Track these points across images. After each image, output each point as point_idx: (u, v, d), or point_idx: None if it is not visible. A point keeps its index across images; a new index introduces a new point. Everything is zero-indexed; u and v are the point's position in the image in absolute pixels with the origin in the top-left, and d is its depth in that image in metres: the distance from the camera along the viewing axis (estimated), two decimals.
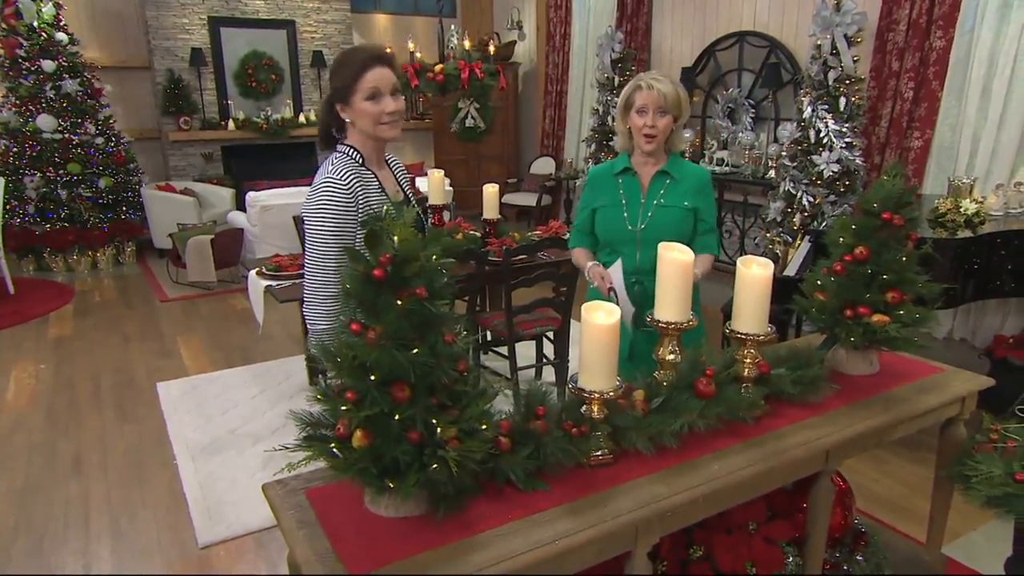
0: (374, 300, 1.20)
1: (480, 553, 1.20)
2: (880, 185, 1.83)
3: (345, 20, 8.42)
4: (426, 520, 1.28)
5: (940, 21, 4.23)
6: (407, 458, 1.18)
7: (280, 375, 3.93)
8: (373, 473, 1.18)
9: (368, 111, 1.76)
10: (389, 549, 1.20)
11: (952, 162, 4.31)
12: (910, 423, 1.76)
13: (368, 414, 1.17)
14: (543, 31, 8.07)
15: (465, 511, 1.30)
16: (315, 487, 1.40)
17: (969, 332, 4.24)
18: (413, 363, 1.17)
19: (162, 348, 4.48)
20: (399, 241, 1.18)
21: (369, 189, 1.83)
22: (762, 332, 1.64)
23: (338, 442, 1.21)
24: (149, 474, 2.97)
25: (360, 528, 1.26)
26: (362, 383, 1.19)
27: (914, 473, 2.81)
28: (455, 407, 1.25)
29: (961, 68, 4.21)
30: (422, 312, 1.19)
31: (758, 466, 1.48)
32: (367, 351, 1.17)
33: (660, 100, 2.05)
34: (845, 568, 1.93)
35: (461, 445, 1.20)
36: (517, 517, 1.30)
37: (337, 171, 1.79)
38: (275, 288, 2.94)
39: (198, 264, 5.60)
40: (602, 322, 1.42)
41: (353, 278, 1.20)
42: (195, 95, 7.71)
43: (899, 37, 4.44)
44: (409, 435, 1.19)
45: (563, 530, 1.27)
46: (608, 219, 2.15)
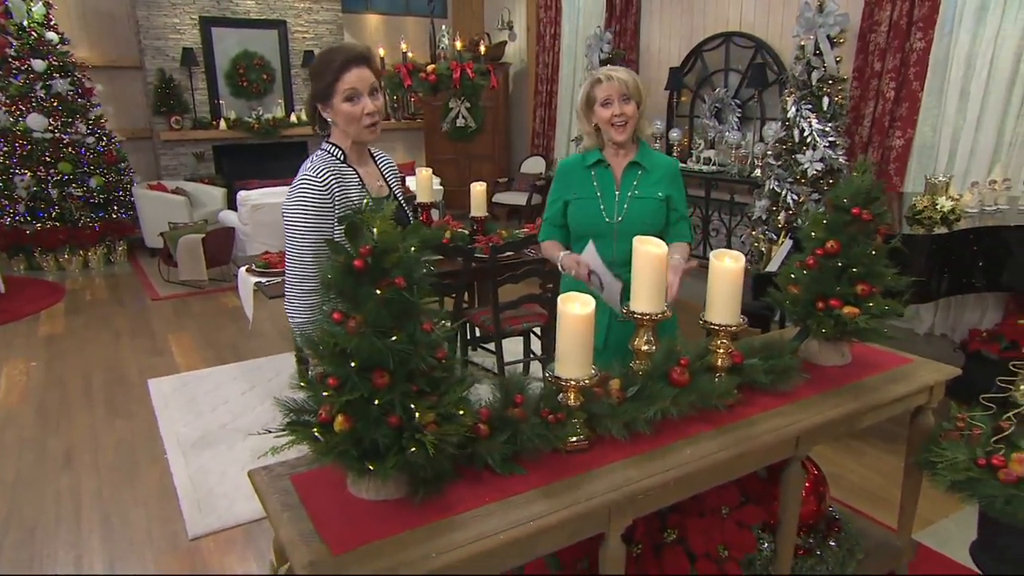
0: (354, 290, 1.24)
1: (457, 533, 1.25)
2: (850, 181, 1.89)
3: (336, 20, 8.45)
4: (405, 503, 1.32)
5: (920, 23, 4.31)
6: (386, 441, 1.23)
7: (270, 371, 3.97)
8: (354, 455, 1.23)
9: (347, 112, 1.81)
10: (370, 529, 1.25)
11: (932, 161, 4.39)
12: (879, 411, 1.82)
13: (349, 399, 1.21)
14: (533, 31, 8.12)
15: (443, 494, 1.35)
16: (299, 473, 1.44)
17: (949, 328, 4.31)
18: (392, 350, 1.21)
19: (153, 346, 4.51)
20: (378, 233, 1.23)
21: (348, 186, 1.87)
22: (734, 323, 1.69)
23: (320, 427, 1.26)
24: (140, 469, 3.00)
25: (342, 511, 1.31)
26: (343, 369, 1.23)
27: (890, 464, 2.88)
28: (433, 393, 1.29)
29: (940, 69, 4.29)
30: (401, 301, 1.23)
31: (729, 451, 1.54)
32: (348, 339, 1.22)
33: (622, 88, 2.09)
34: (818, 553, 1.98)
35: (439, 429, 1.25)
36: (494, 499, 1.34)
37: (314, 168, 1.84)
38: (264, 285, 2.98)
39: (189, 263, 5.62)
40: (577, 312, 1.48)
41: (334, 269, 1.25)
42: (186, 95, 7.72)
43: (880, 38, 4.51)
44: (388, 419, 1.23)
45: (537, 511, 1.31)
46: (583, 212, 2.18)
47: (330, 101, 1.82)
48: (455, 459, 1.35)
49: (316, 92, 1.85)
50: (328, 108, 1.84)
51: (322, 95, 1.83)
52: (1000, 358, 2.92)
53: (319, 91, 1.83)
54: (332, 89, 1.80)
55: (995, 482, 1.71)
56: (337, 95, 1.80)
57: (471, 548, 1.22)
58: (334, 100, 1.81)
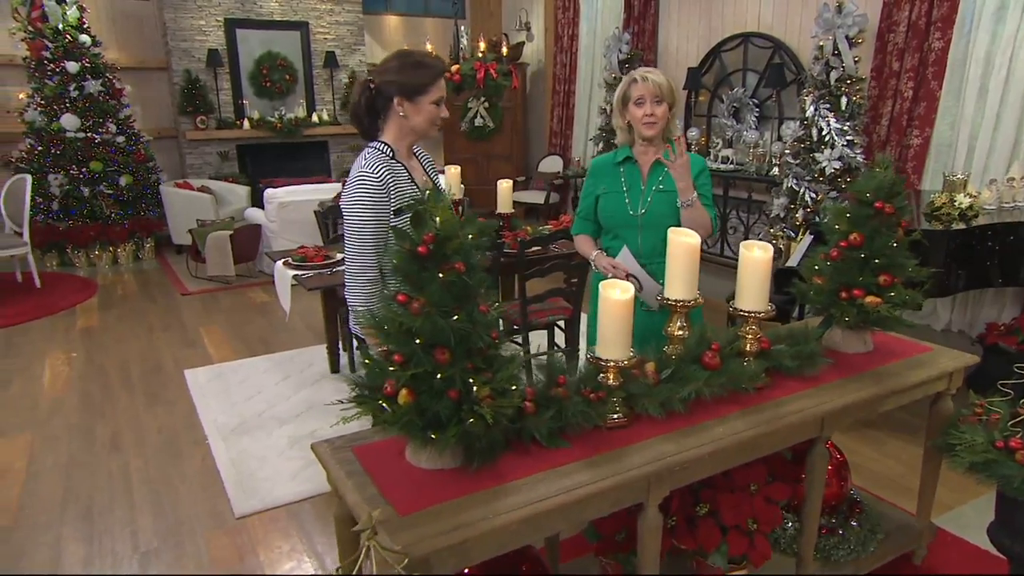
0: (418, 274, 1.36)
1: (511, 498, 1.36)
2: (872, 176, 1.98)
3: (357, 22, 8.59)
4: (461, 472, 1.43)
5: (939, 23, 4.37)
6: (447, 412, 1.34)
7: (302, 363, 4.10)
8: (418, 426, 1.34)
9: (432, 112, 1.99)
10: (431, 494, 1.36)
11: (951, 159, 4.44)
12: (900, 395, 1.91)
13: (414, 373, 1.33)
14: (551, 32, 8.22)
15: (496, 464, 1.46)
16: (360, 444, 1.56)
17: (966, 324, 4.37)
18: (453, 329, 1.32)
19: (186, 338, 4.66)
20: (441, 221, 1.34)
21: (400, 180, 2.00)
22: (763, 309, 1.79)
23: (385, 399, 1.37)
24: (183, 452, 3.14)
25: (403, 478, 1.42)
26: (408, 347, 1.34)
27: (909, 453, 2.96)
28: (488, 370, 1.40)
29: (959, 68, 4.34)
30: (461, 284, 1.34)
31: (758, 429, 1.64)
32: (413, 319, 1.33)
33: (656, 90, 2.22)
34: (840, 532, 2.08)
35: (494, 402, 1.36)
36: (541, 469, 1.45)
37: (370, 165, 1.96)
38: (303, 278, 3.10)
39: (217, 259, 5.77)
40: (618, 297, 1.58)
41: (399, 254, 1.36)
42: (211, 95, 7.89)
43: (899, 38, 4.57)
44: (449, 393, 1.34)
45: (583, 480, 1.42)
46: (610, 205, 2.30)
47: (417, 99, 1.97)
48: (506, 432, 1.46)
49: (404, 87, 1.96)
50: (409, 104, 1.97)
51: (411, 91, 1.96)
52: (1018, 351, 2.99)
53: (410, 87, 1.96)
54: (426, 90, 1.96)
55: (1012, 463, 1.79)
56: (428, 95, 1.97)
57: (524, 511, 1.33)
58: (422, 99, 1.97)
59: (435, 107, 1.99)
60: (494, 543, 1.31)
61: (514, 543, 1.35)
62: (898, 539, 2.15)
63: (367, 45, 8.84)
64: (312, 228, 5.64)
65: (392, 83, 1.97)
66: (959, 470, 1.88)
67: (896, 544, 2.13)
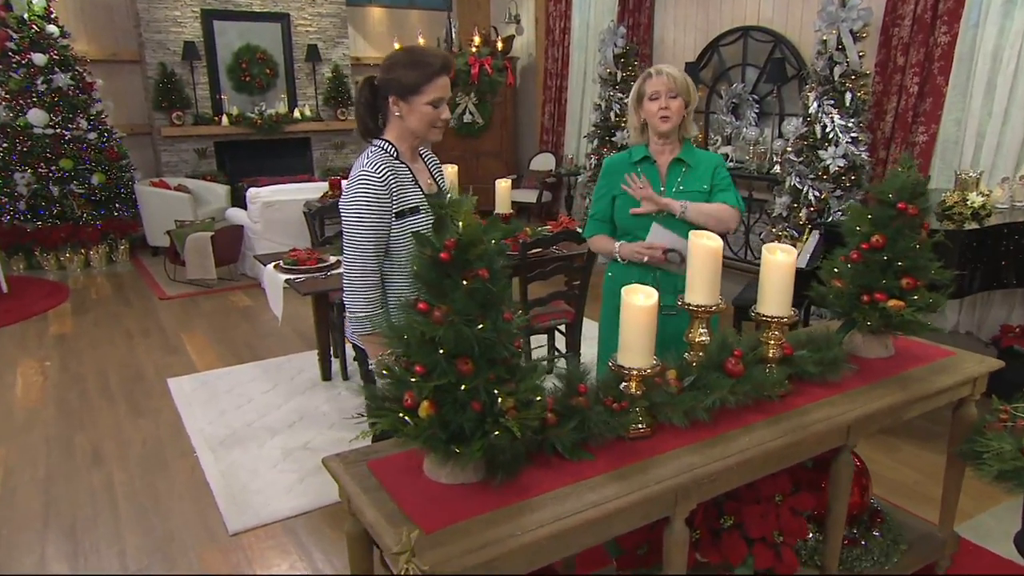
0: (440, 281, 1.34)
1: (537, 513, 1.35)
2: (895, 176, 1.99)
3: (340, 13, 8.54)
4: (483, 486, 1.42)
5: (945, 16, 4.42)
6: (471, 425, 1.33)
7: (291, 370, 4.06)
8: (442, 439, 1.33)
9: (428, 114, 1.92)
10: (454, 510, 1.34)
11: (957, 156, 4.50)
12: (925, 402, 1.93)
13: (438, 384, 1.31)
14: (542, 25, 8.22)
15: (519, 478, 1.45)
16: (374, 459, 1.54)
17: (975, 326, 4.42)
18: (478, 338, 1.31)
19: (167, 344, 4.60)
20: (464, 227, 1.33)
21: (403, 181, 1.98)
22: (786, 315, 1.80)
23: (406, 412, 1.36)
24: (170, 465, 3.10)
25: (423, 494, 1.40)
26: (430, 357, 1.33)
27: (925, 460, 2.99)
28: (511, 380, 1.39)
29: (965, 63, 4.40)
30: (485, 291, 1.33)
31: (785, 439, 1.64)
32: (435, 328, 1.31)
33: (671, 83, 2.22)
34: (863, 543, 2.09)
35: (519, 414, 1.35)
36: (566, 483, 1.44)
37: (372, 164, 1.94)
38: (295, 282, 3.07)
39: (197, 261, 5.71)
40: (641, 303, 1.58)
41: (420, 261, 1.35)
42: (188, 90, 7.80)
43: (904, 32, 4.62)
44: (472, 405, 1.33)
45: (610, 494, 1.42)
46: (629, 207, 2.30)
47: (411, 99, 1.92)
48: (528, 444, 1.45)
49: (398, 85, 1.92)
50: (404, 104, 1.93)
51: (405, 91, 1.91)
52: None
53: (403, 86, 1.91)
54: (421, 89, 1.90)
55: None
56: (423, 96, 1.91)
57: (551, 528, 1.32)
58: (417, 99, 1.91)
59: (431, 108, 1.92)
60: (523, 560, 1.30)
61: (542, 560, 1.34)
62: (921, 550, 2.16)
63: (351, 38, 8.80)
64: (297, 229, 5.60)
65: (389, 81, 1.94)
66: (986, 479, 1.90)
67: (920, 555, 2.15)
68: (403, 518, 1.32)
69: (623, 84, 6.45)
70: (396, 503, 1.37)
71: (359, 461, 1.54)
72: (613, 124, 6.50)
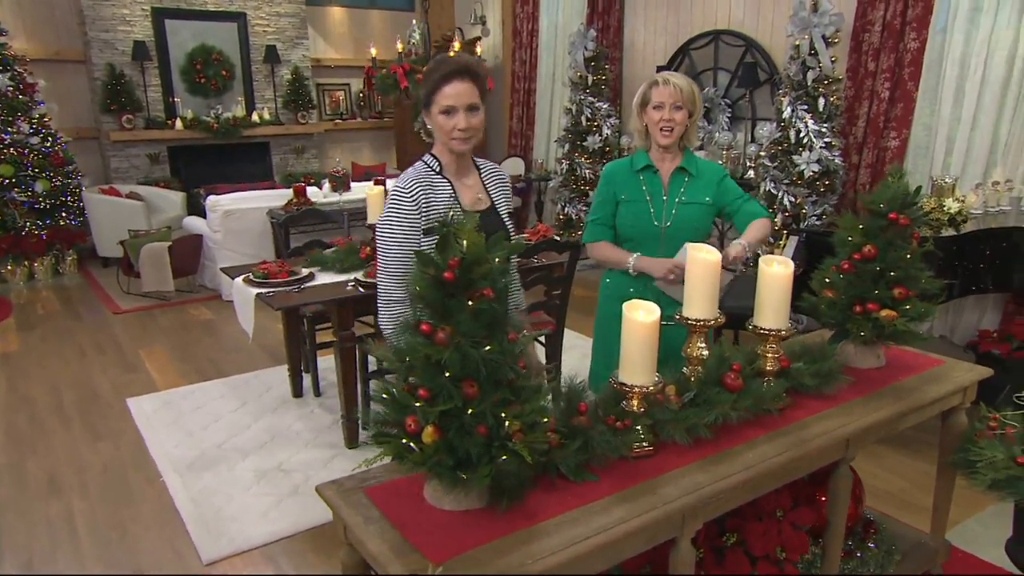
0: (443, 302, 1.33)
1: (547, 540, 1.34)
2: (885, 186, 2.04)
3: (299, 13, 8.45)
4: (488, 512, 1.41)
5: (913, 23, 4.57)
6: (478, 450, 1.31)
7: (260, 387, 3.98)
8: (448, 466, 1.31)
9: (440, 124, 1.92)
10: (461, 539, 1.33)
11: (928, 161, 4.64)
12: (919, 412, 1.97)
13: (443, 409, 1.29)
14: (509, 26, 8.25)
15: (524, 503, 1.44)
16: (372, 486, 1.51)
17: (948, 330, 4.56)
18: (485, 360, 1.30)
19: (124, 362, 4.47)
20: (467, 245, 1.32)
21: (438, 197, 1.96)
22: (784, 328, 1.82)
23: (409, 438, 1.34)
24: (135, 492, 3.00)
25: (427, 522, 1.38)
26: (435, 381, 1.31)
27: (911, 467, 3.06)
28: (516, 402, 1.38)
29: (935, 69, 4.55)
30: (490, 311, 1.32)
31: (788, 454, 1.66)
32: (440, 350, 1.30)
33: (676, 94, 2.24)
34: (858, 555, 2.13)
35: (526, 437, 1.34)
36: (574, 506, 1.44)
37: (407, 180, 1.95)
38: (268, 296, 3.01)
39: (154, 273, 5.57)
40: (642, 320, 1.58)
41: (422, 281, 1.33)
42: (138, 92, 7.63)
43: (874, 38, 4.76)
44: (478, 429, 1.32)
45: (619, 517, 1.41)
46: (633, 215, 2.32)
47: (429, 109, 1.93)
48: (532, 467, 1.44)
49: (422, 99, 1.95)
50: (428, 115, 1.96)
51: (425, 102, 1.94)
52: (1011, 358, 3.13)
53: (424, 97, 1.94)
54: (431, 99, 1.91)
55: None
56: (434, 105, 1.91)
57: (562, 555, 1.31)
58: (432, 110, 1.92)
59: (444, 117, 1.90)
60: None
61: None
62: (915, 559, 2.21)
63: (311, 39, 8.71)
64: (260, 238, 5.51)
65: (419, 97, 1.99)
66: (980, 488, 1.95)
67: (914, 564, 2.20)
68: (409, 549, 1.30)
69: (594, 88, 6.50)
70: (400, 533, 1.35)
71: (356, 489, 1.51)
72: (584, 128, 6.54)
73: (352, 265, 3.40)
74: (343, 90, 9.29)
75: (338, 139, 9.30)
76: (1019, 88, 4.16)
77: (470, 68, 1.93)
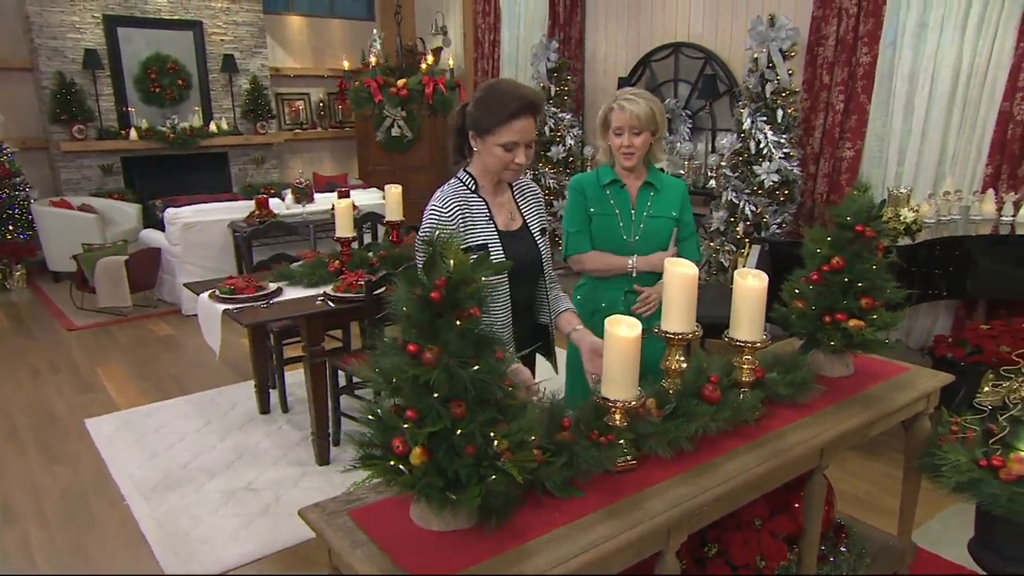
0: (430, 322, 1.32)
1: (536, 558, 1.33)
2: (851, 199, 2.10)
3: (257, 22, 8.33)
4: (476, 532, 1.40)
5: (865, 38, 4.72)
6: (467, 471, 1.31)
7: (224, 404, 3.89)
8: (438, 487, 1.30)
9: (499, 157, 1.88)
10: (451, 561, 1.32)
11: (882, 171, 4.80)
12: (888, 419, 2.03)
13: (432, 430, 1.29)
14: (470, 37, 8.27)
15: (512, 521, 1.43)
16: (356, 508, 1.49)
17: (903, 334, 4.70)
18: (473, 380, 1.30)
19: (81, 381, 4.32)
20: (454, 265, 1.31)
21: (475, 216, 1.95)
22: (759, 339, 1.86)
23: (398, 459, 1.32)
24: (96, 517, 2.90)
25: (416, 543, 1.37)
26: (423, 401, 1.30)
27: (874, 470, 3.14)
28: (504, 420, 1.38)
29: (886, 83, 4.71)
30: (478, 331, 1.32)
31: (768, 464, 1.69)
32: (428, 371, 1.29)
33: (633, 121, 2.26)
34: (831, 559, 2.17)
35: (514, 456, 1.34)
36: (561, 523, 1.44)
37: (444, 198, 1.93)
38: (235, 313, 2.95)
39: (110, 288, 5.40)
40: (624, 335, 1.60)
41: (410, 301, 1.32)
42: (90, 101, 7.43)
43: (828, 52, 4.90)
44: (467, 449, 1.31)
45: (606, 533, 1.42)
46: (604, 228, 2.34)
47: (486, 138, 1.88)
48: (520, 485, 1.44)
49: (476, 121, 1.88)
50: (480, 140, 1.90)
51: (481, 127, 1.87)
52: (966, 363, 3.24)
53: (480, 121, 1.87)
54: (494, 130, 1.85)
55: (997, 481, 1.93)
56: (496, 136, 1.85)
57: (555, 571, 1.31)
58: (490, 139, 1.87)
59: (502, 151, 1.86)
60: None
61: None
62: (884, 561, 2.27)
63: (269, 48, 8.60)
64: (221, 251, 5.41)
65: (470, 114, 1.91)
66: (945, 491, 2.01)
67: (883, 566, 2.25)
68: (400, 572, 1.29)
69: (557, 99, 6.55)
70: (390, 557, 1.33)
71: (340, 512, 1.48)
72: (548, 139, 6.59)
73: (321, 279, 3.36)
74: (303, 99, 9.18)
75: (298, 149, 9.19)
76: (964, 102, 4.33)
77: (538, 104, 1.89)
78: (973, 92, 4.27)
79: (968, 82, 4.28)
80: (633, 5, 6.38)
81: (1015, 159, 4.04)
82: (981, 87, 4.23)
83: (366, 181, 8.59)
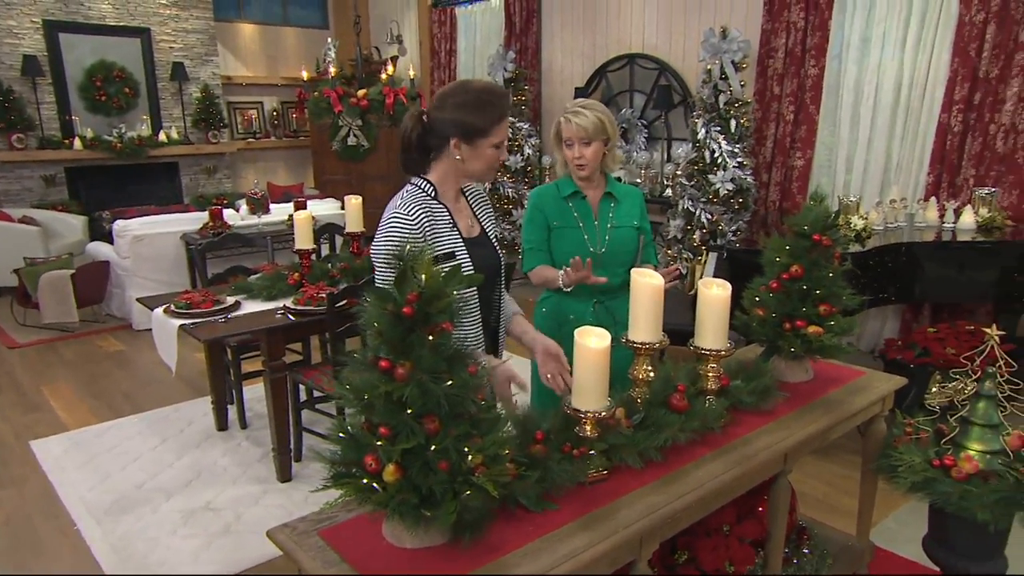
0: (402, 337, 1.31)
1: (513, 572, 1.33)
2: (808, 209, 2.16)
3: (208, 29, 8.18)
4: (451, 548, 1.39)
5: (813, 51, 4.87)
6: (442, 487, 1.30)
7: (180, 422, 3.79)
8: (413, 504, 1.29)
9: (491, 157, 1.88)
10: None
11: (831, 180, 4.95)
12: (847, 422, 2.09)
13: (406, 447, 1.27)
14: (426, 46, 8.26)
15: (486, 536, 1.42)
16: (326, 527, 1.47)
17: (855, 337, 4.84)
18: (447, 395, 1.29)
19: (25, 401, 4.15)
20: (425, 279, 1.31)
21: (439, 224, 1.90)
22: (723, 348, 1.89)
23: (370, 477, 1.30)
24: (44, 544, 2.78)
25: (390, 562, 1.35)
26: (396, 418, 1.29)
27: (830, 471, 3.23)
28: (477, 434, 1.38)
29: (833, 94, 4.86)
30: (450, 346, 1.31)
31: (735, 470, 1.72)
32: (401, 386, 1.28)
33: (581, 132, 2.29)
34: (795, 561, 2.22)
35: (488, 471, 1.34)
36: (535, 536, 1.44)
37: (405, 206, 1.86)
38: (192, 328, 2.87)
39: (54, 303, 5.21)
40: (594, 346, 1.61)
41: (381, 317, 1.31)
42: (30, 109, 7.18)
43: (778, 64, 5.04)
44: (440, 465, 1.30)
45: (581, 545, 1.42)
46: (567, 241, 2.34)
47: (478, 142, 1.85)
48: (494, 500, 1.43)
49: (466, 127, 1.84)
50: (468, 147, 1.85)
51: (472, 134, 1.84)
52: (915, 365, 3.35)
53: (471, 128, 1.84)
54: (488, 132, 1.84)
55: (949, 480, 2.00)
56: (489, 138, 1.85)
57: None
58: (482, 142, 1.85)
59: (495, 151, 1.87)
60: None
61: None
62: (844, 561, 2.33)
63: (221, 56, 8.44)
64: (174, 264, 5.27)
65: (450, 121, 1.84)
66: (901, 490, 2.07)
67: (843, 566, 2.31)
68: None
69: (515, 108, 6.58)
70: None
71: (310, 532, 1.46)
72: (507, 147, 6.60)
73: (280, 292, 3.30)
74: (256, 108, 9.03)
75: (251, 158, 9.02)
76: (907, 113, 4.50)
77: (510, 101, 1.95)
78: (914, 103, 4.45)
79: (909, 94, 4.46)
80: (588, 16, 6.46)
81: (953, 168, 4.22)
82: (921, 99, 4.41)
83: (322, 191, 8.48)
